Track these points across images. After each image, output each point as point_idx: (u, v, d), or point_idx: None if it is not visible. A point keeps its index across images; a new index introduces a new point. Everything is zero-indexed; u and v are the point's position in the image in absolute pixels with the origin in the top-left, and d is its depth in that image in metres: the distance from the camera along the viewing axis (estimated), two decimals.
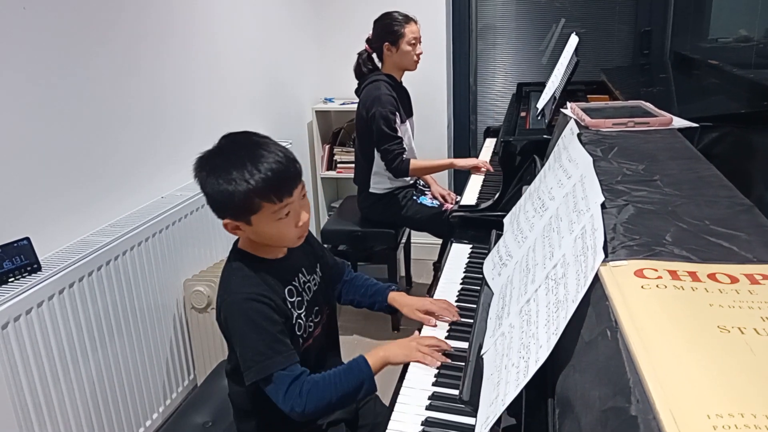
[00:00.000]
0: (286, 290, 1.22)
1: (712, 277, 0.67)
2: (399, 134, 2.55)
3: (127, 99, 2.00)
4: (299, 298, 1.25)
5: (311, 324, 1.28)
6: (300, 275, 1.27)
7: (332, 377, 1.16)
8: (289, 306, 1.21)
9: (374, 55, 2.65)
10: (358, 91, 2.67)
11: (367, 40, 2.65)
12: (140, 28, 2.05)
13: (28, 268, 1.57)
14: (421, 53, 2.61)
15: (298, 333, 1.23)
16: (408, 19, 2.56)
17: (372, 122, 2.52)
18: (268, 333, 1.14)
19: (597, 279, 0.73)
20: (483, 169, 2.54)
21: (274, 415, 1.17)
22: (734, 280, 0.66)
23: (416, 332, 1.32)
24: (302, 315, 1.25)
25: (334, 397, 1.14)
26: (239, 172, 1.08)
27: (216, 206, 1.15)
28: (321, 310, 1.32)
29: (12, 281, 1.54)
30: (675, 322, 0.59)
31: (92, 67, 1.85)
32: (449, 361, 1.20)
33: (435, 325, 1.32)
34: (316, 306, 1.30)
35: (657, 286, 0.66)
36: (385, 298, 1.41)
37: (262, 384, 1.14)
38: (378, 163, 2.62)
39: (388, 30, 2.55)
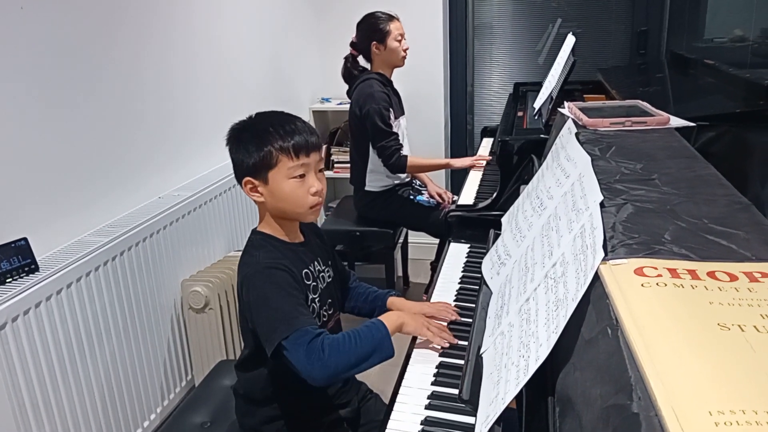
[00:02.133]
0: (302, 272, 1.25)
1: (711, 275, 0.67)
2: (394, 129, 2.55)
3: (125, 100, 1.99)
4: (314, 284, 1.28)
5: (325, 314, 1.31)
6: (316, 263, 1.31)
7: (351, 336, 1.15)
8: (305, 286, 1.25)
9: (360, 57, 2.65)
10: (349, 92, 2.67)
11: (352, 43, 2.65)
12: (140, 29, 2.05)
13: (26, 269, 1.57)
14: (407, 48, 2.62)
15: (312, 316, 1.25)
16: (391, 17, 2.58)
17: (366, 119, 2.52)
18: (292, 297, 1.17)
19: (597, 277, 0.73)
20: (479, 164, 2.55)
21: (284, 403, 1.17)
22: (733, 278, 0.66)
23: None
24: (316, 300, 1.27)
25: (353, 356, 1.12)
26: (265, 128, 1.20)
27: (239, 163, 1.22)
28: (334, 304, 1.35)
29: (10, 282, 1.53)
30: (675, 319, 0.59)
31: (91, 68, 1.84)
32: (456, 341, 1.24)
33: None
34: (330, 298, 1.33)
35: (657, 284, 0.66)
36: (385, 303, 1.43)
37: (285, 347, 1.11)
38: (373, 161, 2.62)
39: (374, 29, 2.56)
